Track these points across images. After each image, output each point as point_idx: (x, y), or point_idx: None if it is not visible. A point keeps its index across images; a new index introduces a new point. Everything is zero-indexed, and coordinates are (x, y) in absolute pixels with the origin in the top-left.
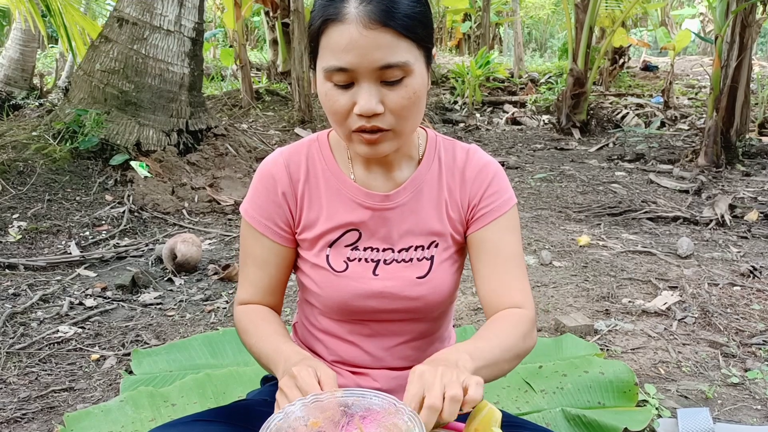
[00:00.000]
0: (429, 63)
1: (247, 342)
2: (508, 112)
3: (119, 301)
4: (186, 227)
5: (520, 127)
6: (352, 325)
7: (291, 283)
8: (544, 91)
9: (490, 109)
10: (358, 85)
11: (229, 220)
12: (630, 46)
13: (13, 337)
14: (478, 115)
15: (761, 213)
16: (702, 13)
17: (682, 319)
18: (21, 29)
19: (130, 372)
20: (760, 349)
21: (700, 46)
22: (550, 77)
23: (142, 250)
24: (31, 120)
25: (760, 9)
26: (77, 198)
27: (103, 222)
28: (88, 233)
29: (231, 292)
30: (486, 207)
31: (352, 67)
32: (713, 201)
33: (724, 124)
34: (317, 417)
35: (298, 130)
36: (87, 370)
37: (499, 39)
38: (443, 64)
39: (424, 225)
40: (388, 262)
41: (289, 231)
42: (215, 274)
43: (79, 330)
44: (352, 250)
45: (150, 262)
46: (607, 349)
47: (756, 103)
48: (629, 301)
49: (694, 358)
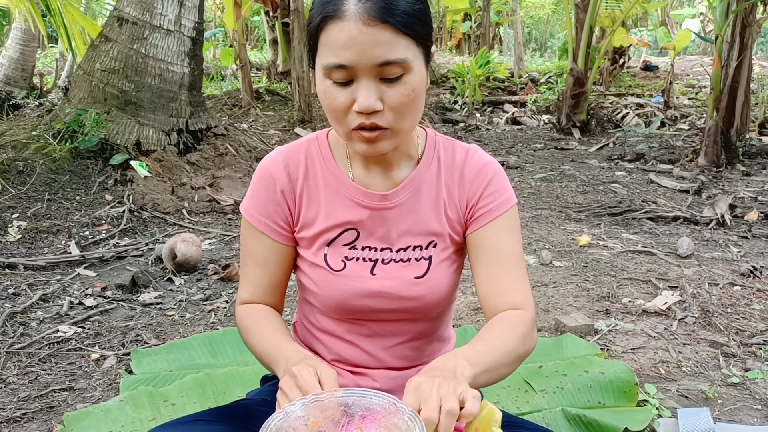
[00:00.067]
0: (428, 61)
1: (249, 341)
2: (508, 112)
3: (119, 300)
4: (186, 227)
5: (520, 126)
6: (351, 324)
7: (291, 283)
8: (544, 91)
9: (490, 108)
10: (358, 83)
11: (229, 219)
12: (630, 45)
13: (12, 337)
14: (478, 114)
15: (761, 213)
16: (702, 13)
17: (683, 318)
18: (21, 29)
19: (130, 372)
20: (760, 348)
21: (700, 45)
22: (550, 77)
23: (142, 250)
24: (30, 120)
25: (761, 9)
26: (77, 197)
27: (103, 222)
28: (88, 233)
29: (231, 291)
30: (485, 207)
31: (351, 64)
32: (713, 201)
33: (724, 124)
34: (317, 416)
35: (298, 130)
36: (87, 369)
37: (499, 39)
38: (443, 63)
39: (422, 225)
40: (386, 261)
41: (289, 229)
42: (215, 273)
43: (79, 330)
44: (350, 249)
45: (150, 262)
46: (608, 349)
47: (756, 103)
48: (629, 301)
49: (695, 357)
